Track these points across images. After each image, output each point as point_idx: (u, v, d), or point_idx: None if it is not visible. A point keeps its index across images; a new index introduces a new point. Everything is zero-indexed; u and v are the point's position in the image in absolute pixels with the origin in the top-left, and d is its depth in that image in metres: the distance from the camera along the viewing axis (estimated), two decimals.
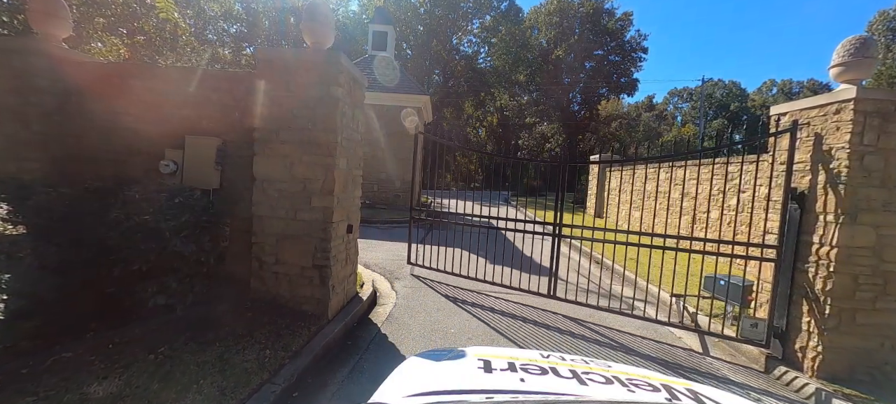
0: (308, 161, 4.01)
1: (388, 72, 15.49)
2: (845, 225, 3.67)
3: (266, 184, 4.07)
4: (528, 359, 1.59)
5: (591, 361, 1.66)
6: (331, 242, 4.03)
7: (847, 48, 3.85)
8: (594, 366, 1.58)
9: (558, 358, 1.65)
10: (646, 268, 7.11)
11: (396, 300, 5.24)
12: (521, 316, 4.99)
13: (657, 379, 1.52)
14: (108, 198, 3.47)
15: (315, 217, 4.03)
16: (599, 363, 1.65)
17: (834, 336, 3.71)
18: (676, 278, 6.45)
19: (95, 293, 3.30)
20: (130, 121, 4.34)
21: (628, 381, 1.43)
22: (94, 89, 4.36)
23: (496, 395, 1.26)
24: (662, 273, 6.16)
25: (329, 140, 3.98)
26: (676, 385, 1.46)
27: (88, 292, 3.27)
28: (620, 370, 1.59)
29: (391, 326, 4.42)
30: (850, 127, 3.64)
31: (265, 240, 4.09)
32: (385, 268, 6.82)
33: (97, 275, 3.29)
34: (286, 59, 4.02)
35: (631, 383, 1.41)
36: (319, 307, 4.09)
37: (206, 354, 3.08)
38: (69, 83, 4.34)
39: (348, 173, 4.45)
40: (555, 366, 1.52)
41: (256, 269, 4.14)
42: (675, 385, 1.46)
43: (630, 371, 1.60)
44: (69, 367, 2.72)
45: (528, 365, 1.52)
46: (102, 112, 4.36)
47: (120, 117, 4.34)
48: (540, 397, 1.26)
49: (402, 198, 14.90)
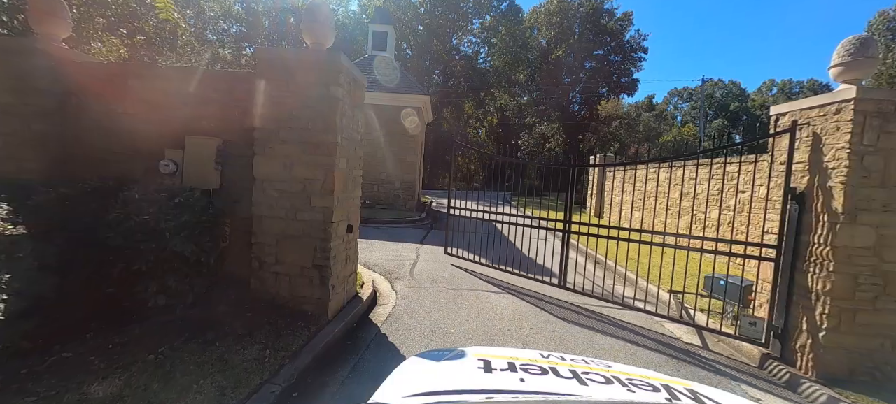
0: (308, 161, 4.01)
1: (388, 72, 15.49)
2: (845, 225, 3.67)
3: (266, 184, 4.07)
4: (528, 359, 1.58)
5: (591, 361, 1.66)
6: (331, 242, 4.04)
7: (847, 48, 3.85)
8: (594, 366, 1.58)
9: (558, 358, 1.65)
10: (646, 267, 7.12)
11: (396, 300, 5.24)
12: (526, 314, 5.00)
13: (657, 379, 1.52)
14: (108, 199, 3.47)
15: (315, 217, 4.03)
16: (599, 363, 1.65)
17: (833, 336, 3.71)
18: (676, 278, 6.47)
19: (96, 293, 3.31)
20: (130, 121, 4.34)
21: (628, 381, 1.43)
22: (93, 89, 4.36)
23: (496, 395, 1.26)
24: (661, 272, 6.17)
25: (329, 140, 3.99)
26: (676, 385, 1.46)
27: (89, 292, 3.27)
28: (620, 370, 1.59)
29: (391, 326, 4.42)
30: (850, 127, 3.64)
31: (265, 241, 4.10)
32: (385, 268, 6.82)
33: (97, 275, 3.30)
34: (286, 58, 4.02)
35: (631, 383, 1.41)
36: (319, 307, 4.09)
37: (206, 354, 3.09)
38: (69, 83, 4.34)
39: (348, 173, 4.45)
40: (555, 366, 1.52)
41: (256, 269, 4.14)
42: (675, 385, 1.46)
43: (630, 371, 1.60)
44: (69, 367, 2.73)
45: (528, 365, 1.52)
46: (102, 112, 4.36)
47: (120, 117, 4.34)
48: (540, 397, 1.25)
49: (402, 199, 14.90)
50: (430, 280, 6.35)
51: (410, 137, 15.00)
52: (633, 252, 7.73)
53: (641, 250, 5.94)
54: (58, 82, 4.29)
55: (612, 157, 17.72)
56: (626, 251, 5.92)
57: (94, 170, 4.26)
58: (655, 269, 7.15)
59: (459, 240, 8.21)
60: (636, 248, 6.23)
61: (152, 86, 4.35)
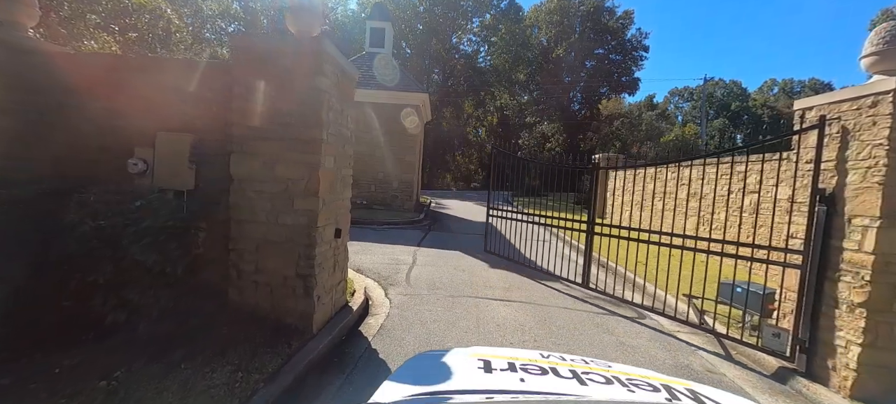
0: (290, 159, 3.65)
1: (386, 69, 15.12)
2: (883, 229, 3.31)
3: (244, 184, 3.72)
4: (528, 359, 1.57)
5: (590, 361, 1.65)
6: (316, 249, 3.68)
7: (882, 35, 3.51)
8: (594, 366, 1.57)
9: (558, 358, 1.64)
10: (654, 271, 6.74)
11: (389, 310, 4.88)
12: (530, 326, 4.65)
13: (657, 379, 1.50)
14: (66, 201, 3.12)
15: (298, 221, 3.67)
16: (599, 363, 1.64)
17: (869, 352, 3.36)
18: (691, 282, 6.09)
19: (49, 307, 2.95)
20: (99, 116, 3.97)
21: (628, 381, 1.42)
22: (60, 82, 4.00)
23: (496, 395, 1.26)
24: (674, 276, 5.79)
25: (313, 136, 3.63)
26: (676, 385, 1.45)
27: (41, 307, 2.92)
28: (620, 370, 1.58)
29: (383, 341, 4.06)
30: (889, 121, 3.28)
31: (244, 247, 3.74)
32: (379, 273, 6.46)
33: (51, 286, 2.94)
34: (266, 46, 3.66)
35: (631, 383, 1.40)
36: (303, 320, 3.74)
37: (168, 379, 2.73)
38: (34, 76, 3.97)
39: (336, 173, 4.10)
40: (555, 366, 1.51)
41: (234, 279, 3.79)
42: (675, 385, 1.45)
43: (630, 371, 1.59)
44: (2, 398, 2.37)
45: (527, 364, 1.50)
46: (69, 106, 3.99)
47: (87, 112, 3.98)
48: (540, 397, 1.25)
49: (400, 199, 14.55)
50: (428, 286, 6.00)
51: (409, 136, 14.64)
52: (642, 254, 7.34)
53: (649, 252, 5.62)
54: (18, 77, 3.92)
55: (614, 157, 17.37)
56: (634, 250, 5.76)
57: (58, 169, 3.90)
58: (663, 273, 6.76)
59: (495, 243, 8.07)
60: (642, 250, 5.91)
61: (124, 78, 3.99)
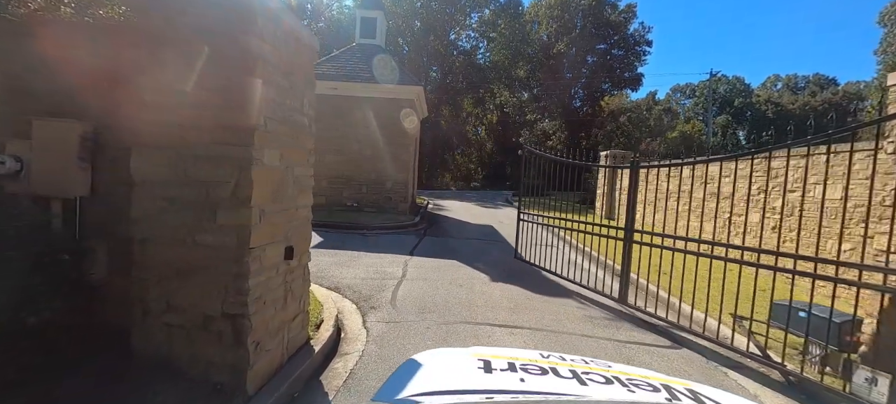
0: (211, 154, 2.60)
1: (378, 61, 14.07)
2: None
3: (149, 189, 2.67)
4: (528, 359, 1.53)
5: (590, 361, 1.60)
6: (249, 279, 2.63)
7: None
8: (594, 366, 1.52)
9: (558, 358, 1.59)
10: (701, 285, 5.68)
11: (365, 346, 3.82)
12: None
13: (657, 379, 1.46)
14: None
15: (223, 240, 2.62)
16: (599, 363, 1.60)
17: None
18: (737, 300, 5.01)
19: None
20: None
21: (628, 381, 1.38)
22: None
23: (496, 395, 1.24)
24: (715, 291, 4.73)
25: (242, 122, 2.58)
26: (676, 385, 1.41)
27: None
28: (620, 370, 1.53)
29: (348, 399, 3.00)
30: None
31: (149, 276, 2.69)
32: (360, 292, 5.41)
33: None
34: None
35: (631, 383, 1.36)
36: (234, 376, 2.68)
37: None
38: None
39: (285, 173, 3.05)
40: (555, 366, 1.45)
41: (139, 319, 2.74)
42: (675, 385, 1.41)
43: (630, 371, 1.56)
44: None
45: (527, 365, 1.46)
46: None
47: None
48: (540, 397, 1.23)
49: (394, 200, 13.53)
50: (417, 308, 4.95)
51: (403, 133, 13.60)
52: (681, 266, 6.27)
53: (695, 264, 4.63)
54: None
55: (621, 153, 16.44)
56: (680, 264, 4.84)
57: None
58: (701, 292, 5.68)
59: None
60: (684, 261, 4.88)
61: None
